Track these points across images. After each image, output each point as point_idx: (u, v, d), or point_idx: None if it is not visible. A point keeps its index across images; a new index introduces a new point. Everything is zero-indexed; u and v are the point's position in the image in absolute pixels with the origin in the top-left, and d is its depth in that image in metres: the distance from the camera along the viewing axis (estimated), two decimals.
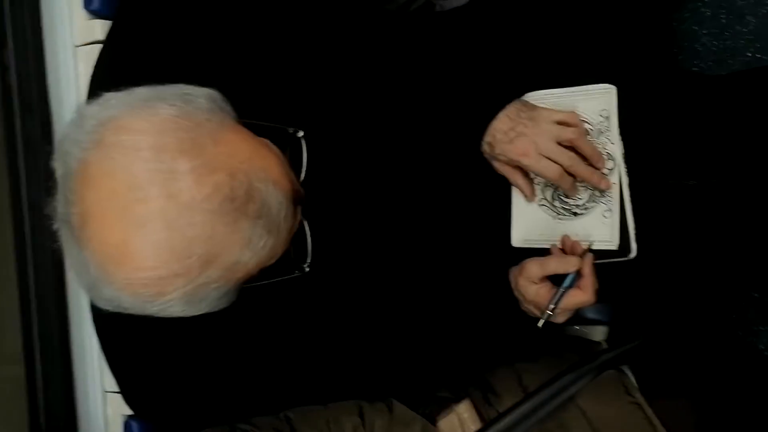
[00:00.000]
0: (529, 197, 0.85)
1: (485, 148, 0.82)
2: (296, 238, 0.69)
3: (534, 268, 0.79)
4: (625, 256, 0.81)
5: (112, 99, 0.60)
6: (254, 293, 0.67)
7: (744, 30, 1.22)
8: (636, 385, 0.91)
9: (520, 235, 0.87)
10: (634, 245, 0.80)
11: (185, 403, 0.81)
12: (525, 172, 0.83)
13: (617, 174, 0.81)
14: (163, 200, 0.55)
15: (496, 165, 0.83)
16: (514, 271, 0.82)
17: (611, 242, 0.81)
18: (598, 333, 1.06)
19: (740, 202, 0.97)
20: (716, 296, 1.26)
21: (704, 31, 1.27)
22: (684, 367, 1.03)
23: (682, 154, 0.92)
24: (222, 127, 0.60)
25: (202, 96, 0.61)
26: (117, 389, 0.86)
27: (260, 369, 0.81)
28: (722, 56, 1.25)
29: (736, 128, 0.98)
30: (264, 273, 0.65)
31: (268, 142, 0.65)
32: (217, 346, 0.78)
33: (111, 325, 0.80)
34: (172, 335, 0.75)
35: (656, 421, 0.85)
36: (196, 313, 0.62)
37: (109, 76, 0.76)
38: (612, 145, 0.82)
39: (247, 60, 0.77)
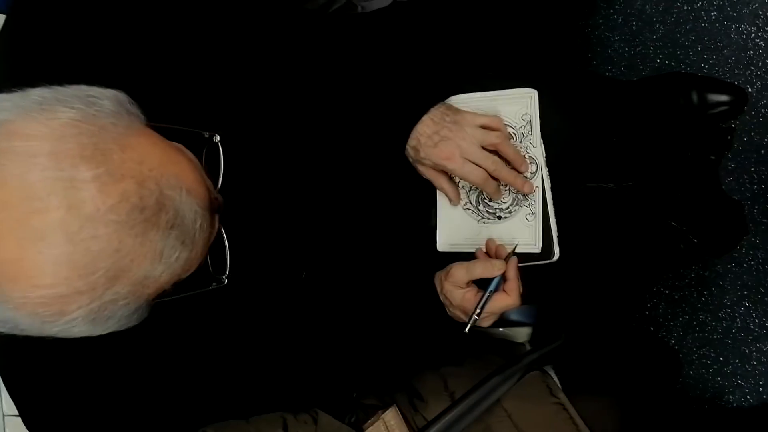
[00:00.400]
0: (454, 201, 0.85)
1: (409, 152, 0.81)
2: (214, 248, 0.66)
3: (460, 272, 0.78)
4: (549, 259, 0.82)
5: (4, 101, 0.54)
6: (168, 307, 0.63)
7: (653, 37, 1.26)
8: (559, 385, 0.92)
9: (445, 240, 0.87)
10: (556, 248, 0.82)
11: (92, 425, 0.76)
12: (450, 177, 0.83)
13: (540, 177, 0.82)
14: (63, 211, 0.51)
15: (421, 169, 0.83)
16: (440, 276, 0.82)
17: (534, 245, 0.82)
18: (521, 334, 1.08)
19: (652, 202, 1.01)
20: (629, 293, 1.31)
21: (616, 38, 1.32)
22: (604, 364, 1.06)
23: (600, 157, 0.94)
24: (129, 131, 0.56)
25: (106, 98, 0.56)
26: (16, 413, 0.80)
27: (175, 385, 0.77)
28: (633, 62, 1.29)
29: (648, 131, 1.02)
30: (179, 286, 0.62)
31: (181, 147, 0.62)
32: (126, 364, 0.73)
33: (7, 344, 0.74)
34: (76, 354, 0.69)
35: (579, 421, 0.87)
36: (103, 333, 0.58)
37: (1, 75, 0.69)
38: (534, 149, 0.82)
39: (158, 59, 0.72)
